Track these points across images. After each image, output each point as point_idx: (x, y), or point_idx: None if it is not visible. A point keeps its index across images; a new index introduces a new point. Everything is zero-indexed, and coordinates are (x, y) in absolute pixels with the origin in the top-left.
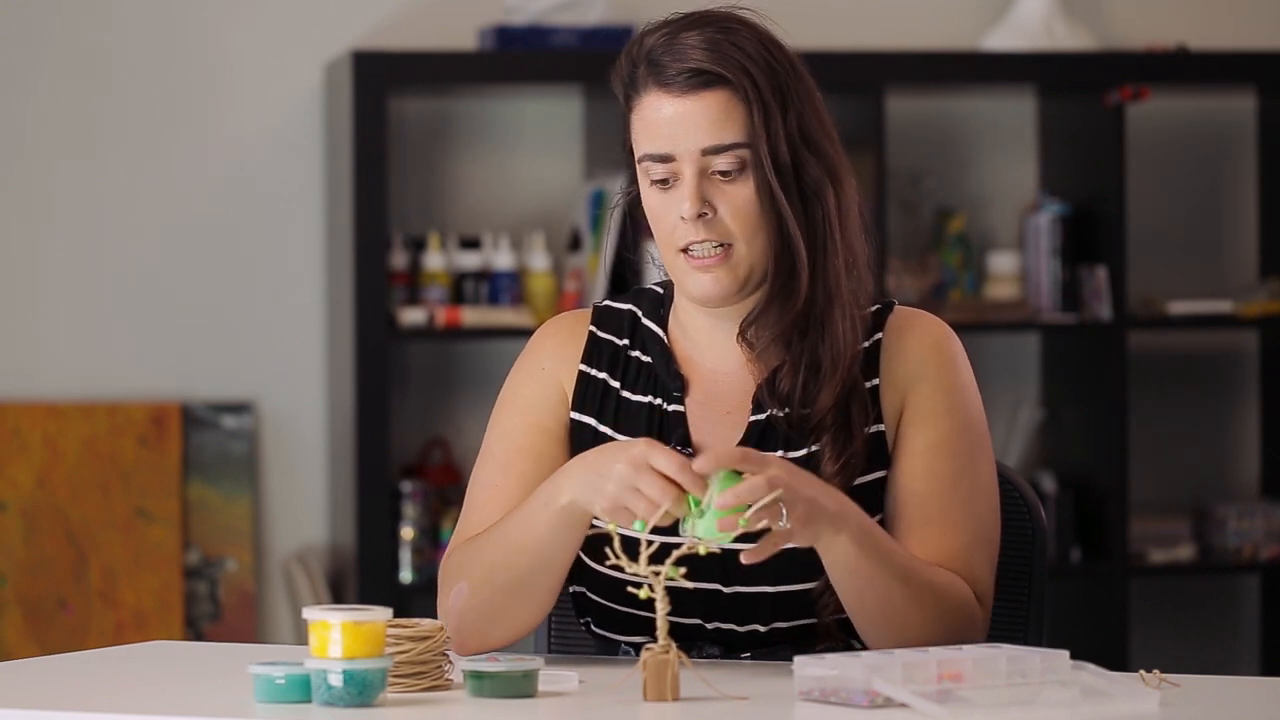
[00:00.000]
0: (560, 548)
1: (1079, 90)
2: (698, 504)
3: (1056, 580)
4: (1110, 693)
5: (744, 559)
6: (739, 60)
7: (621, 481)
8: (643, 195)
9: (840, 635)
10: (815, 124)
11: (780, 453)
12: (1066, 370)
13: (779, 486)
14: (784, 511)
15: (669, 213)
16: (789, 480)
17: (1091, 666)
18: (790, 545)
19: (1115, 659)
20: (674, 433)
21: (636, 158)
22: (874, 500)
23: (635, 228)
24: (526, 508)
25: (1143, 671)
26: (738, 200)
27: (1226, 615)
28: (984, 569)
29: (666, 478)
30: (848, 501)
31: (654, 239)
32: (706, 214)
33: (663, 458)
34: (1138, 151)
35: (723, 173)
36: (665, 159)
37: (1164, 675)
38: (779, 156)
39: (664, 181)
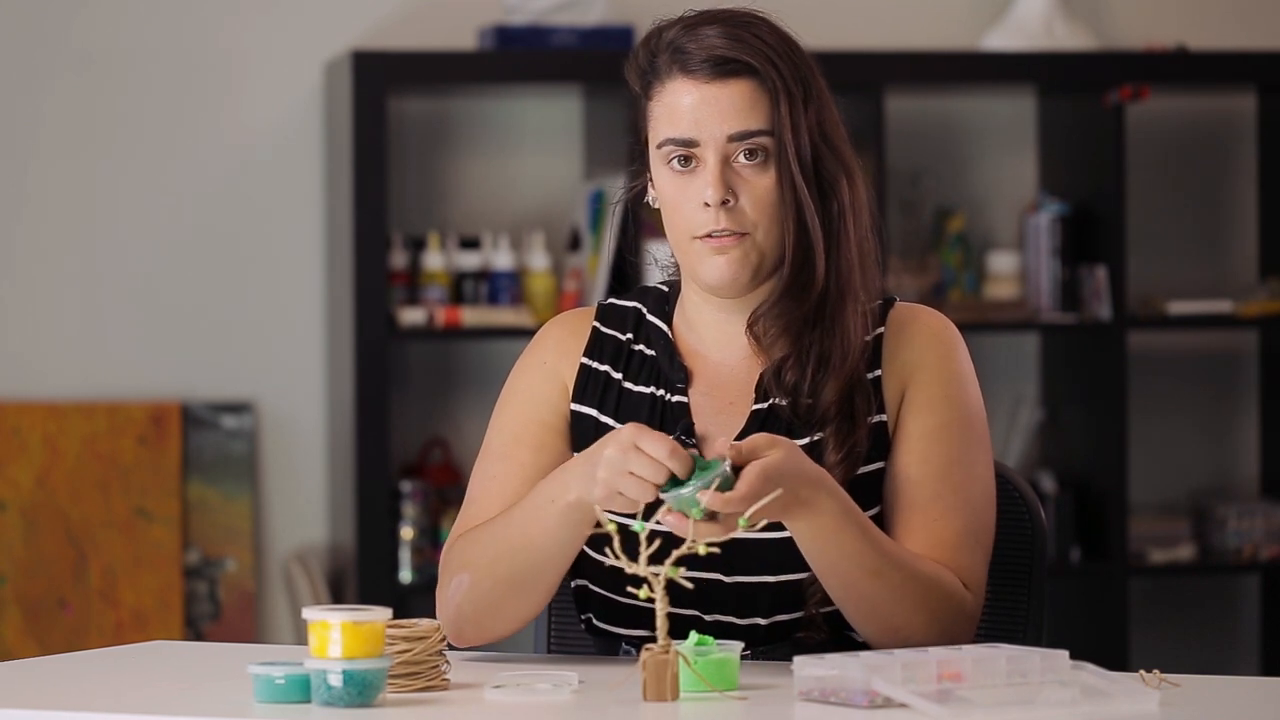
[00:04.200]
0: (564, 544)
1: (1079, 90)
2: (697, 509)
3: (1056, 580)
4: (1110, 693)
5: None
6: (764, 50)
7: (611, 466)
8: (659, 183)
9: (825, 628)
10: (831, 120)
11: None
12: (1066, 370)
13: (774, 475)
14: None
15: (688, 199)
16: (783, 467)
17: (1091, 666)
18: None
19: (1115, 659)
20: (677, 423)
21: (656, 144)
22: (874, 490)
23: (637, 224)
24: (530, 503)
25: (1143, 671)
26: (759, 189)
27: (1226, 615)
28: (974, 557)
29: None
30: (832, 482)
31: (660, 235)
32: (729, 201)
33: (650, 440)
34: (1138, 151)
35: (746, 161)
36: (688, 144)
37: (1164, 675)
38: (801, 147)
39: (685, 168)
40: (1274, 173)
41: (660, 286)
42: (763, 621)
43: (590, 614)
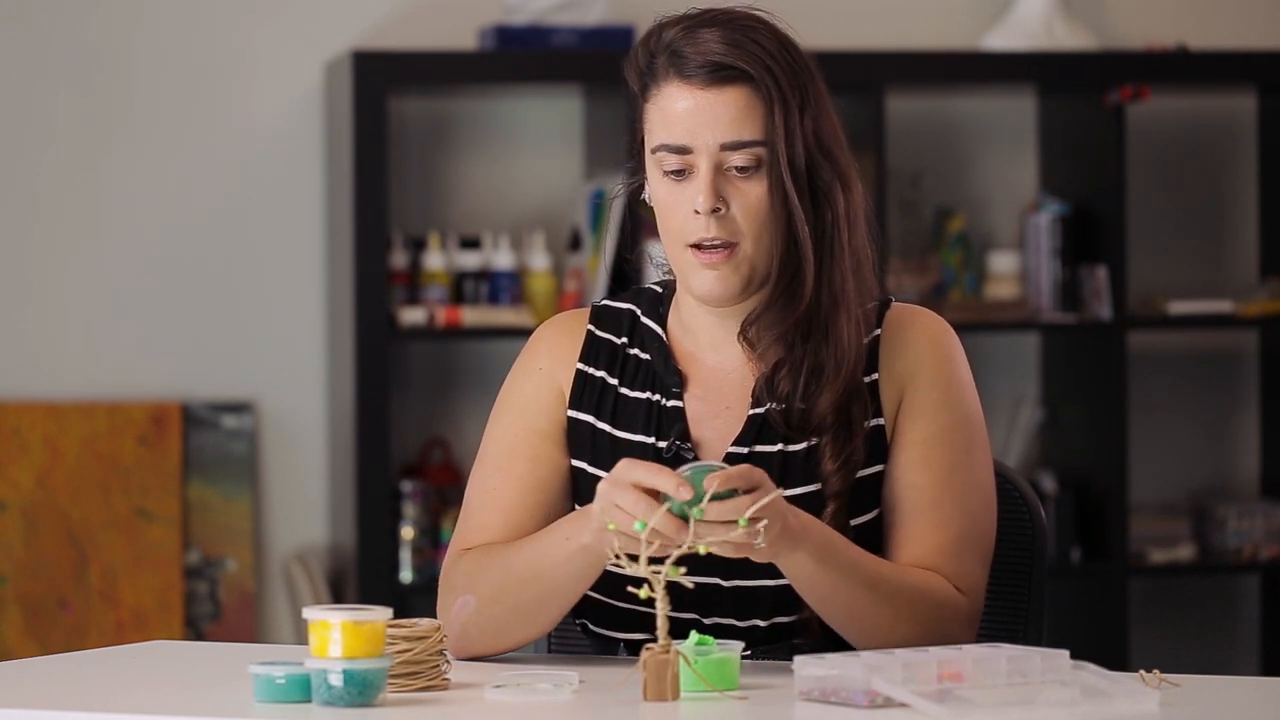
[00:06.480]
0: (572, 580)
1: (1079, 90)
2: (698, 509)
3: (1056, 580)
4: (1110, 693)
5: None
6: (761, 58)
7: (603, 500)
8: (652, 187)
9: (820, 632)
10: (829, 127)
11: (779, 447)
12: (1066, 370)
13: (766, 509)
14: (761, 532)
15: (680, 206)
16: (775, 504)
17: (1091, 666)
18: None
19: (1115, 659)
20: (673, 427)
21: (650, 148)
22: (872, 494)
23: (635, 221)
24: (546, 537)
25: (1143, 671)
26: (750, 198)
27: (1226, 615)
28: (973, 563)
29: (647, 491)
30: (810, 519)
31: (658, 233)
32: (720, 209)
33: (640, 470)
34: (1138, 151)
35: (739, 169)
36: (682, 151)
37: (1164, 675)
38: (794, 157)
39: (678, 174)
40: (1274, 173)
41: (654, 287)
42: (762, 623)
43: (586, 619)
